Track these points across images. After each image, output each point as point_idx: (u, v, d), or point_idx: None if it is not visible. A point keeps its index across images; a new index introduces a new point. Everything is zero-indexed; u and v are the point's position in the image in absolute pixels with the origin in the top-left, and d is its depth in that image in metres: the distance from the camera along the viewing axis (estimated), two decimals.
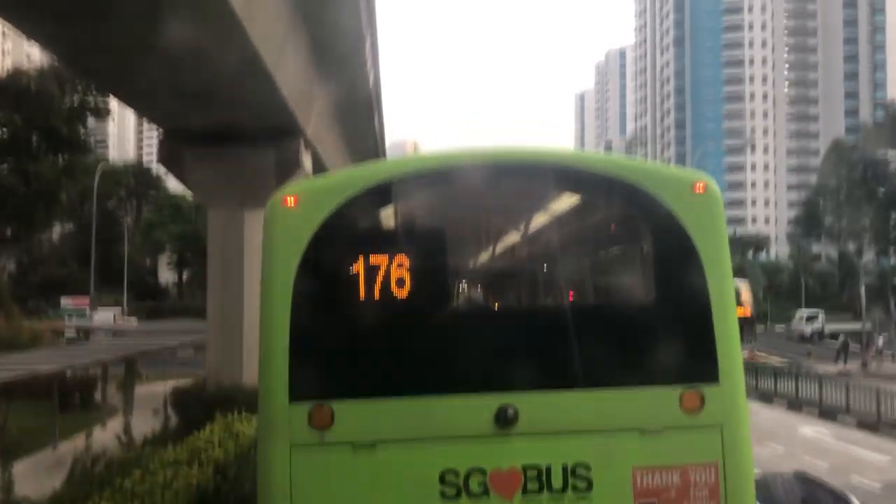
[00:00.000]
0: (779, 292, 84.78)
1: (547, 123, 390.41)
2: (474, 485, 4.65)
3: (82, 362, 21.44)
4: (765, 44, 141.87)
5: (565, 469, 4.68)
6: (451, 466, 4.66)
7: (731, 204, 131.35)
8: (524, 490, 4.66)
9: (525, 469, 4.67)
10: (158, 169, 63.59)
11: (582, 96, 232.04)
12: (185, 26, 12.36)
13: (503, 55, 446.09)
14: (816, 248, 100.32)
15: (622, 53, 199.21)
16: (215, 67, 14.46)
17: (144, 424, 17.88)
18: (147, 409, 19.41)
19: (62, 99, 42.62)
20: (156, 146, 21.22)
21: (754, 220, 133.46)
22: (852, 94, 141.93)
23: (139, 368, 26.65)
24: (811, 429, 21.33)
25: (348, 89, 22.80)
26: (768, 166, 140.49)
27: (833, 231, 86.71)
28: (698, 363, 4.85)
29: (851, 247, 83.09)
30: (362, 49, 20.36)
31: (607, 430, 4.78)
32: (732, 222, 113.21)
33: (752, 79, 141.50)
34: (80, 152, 48.24)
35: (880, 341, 45.18)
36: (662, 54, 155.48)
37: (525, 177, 5.31)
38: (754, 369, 32.40)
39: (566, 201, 5.59)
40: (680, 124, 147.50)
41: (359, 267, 4.84)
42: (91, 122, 52.91)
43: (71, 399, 22.82)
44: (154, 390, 23.26)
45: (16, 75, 43.28)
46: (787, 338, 64.43)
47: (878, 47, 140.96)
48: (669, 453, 4.76)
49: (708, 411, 4.78)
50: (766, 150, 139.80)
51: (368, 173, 5.39)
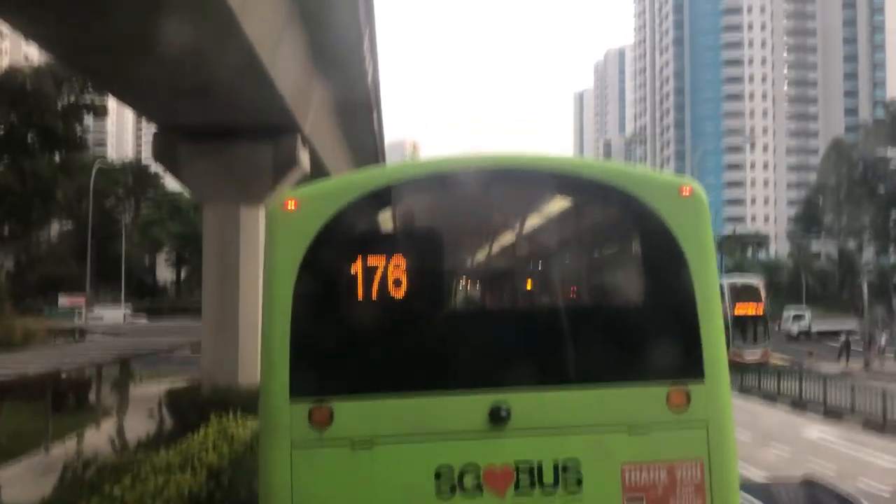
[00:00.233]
0: (778, 290, 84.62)
1: (546, 123, 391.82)
2: (468, 481, 4.76)
3: (72, 364, 21.11)
4: (764, 43, 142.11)
5: (556, 465, 4.79)
6: (446, 463, 4.77)
7: (730, 202, 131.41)
8: (516, 486, 4.78)
9: (517, 465, 4.79)
10: (157, 167, 63.36)
11: (581, 96, 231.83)
12: (180, 21, 12.23)
13: (503, 55, 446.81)
14: (816, 246, 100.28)
15: (621, 53, 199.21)
16: (210, 63, 14.29)
17: (139, 426, 17.66)
18: (142, 411, 19.15)
19: (58, 97, 42.41)
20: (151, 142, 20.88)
21: (754, 219, 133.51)
22: (852, 93, 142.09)
23: (134, 369, 26.33)
24: (816, 430, 21.05)
25: (346, 87, 22.62)
26: (768, 165, 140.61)
27: (833, 229, 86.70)
28: (684, 362, 4.98)
29: (851, 245, 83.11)
30: (360, 46, 20.14)
31: (597, 427, 4.89)
32: (732, 221, 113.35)
33: (751, 78, 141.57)
34: (76, 150, 48.06)
35: (883, 340, 44.94)
36: (662, 54, 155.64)
37: (518, 182, 5.44)
38: (758, 370, 32.18)
39: (558, 206, 5.73)
40: (679, 123, 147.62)
41: (357, 269, 4.96)
42: (89, 120, 52.79)
43: (65, 400, 22.55)
44: (150, 391, 23.03)
45: (12, 73, 42.99)
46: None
47: (878, 47, 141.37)
48: (657, 450, 4.88)
49: (694, 409, 4.91)
50: (765, 148, 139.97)
51: (367, 179, 5.56)
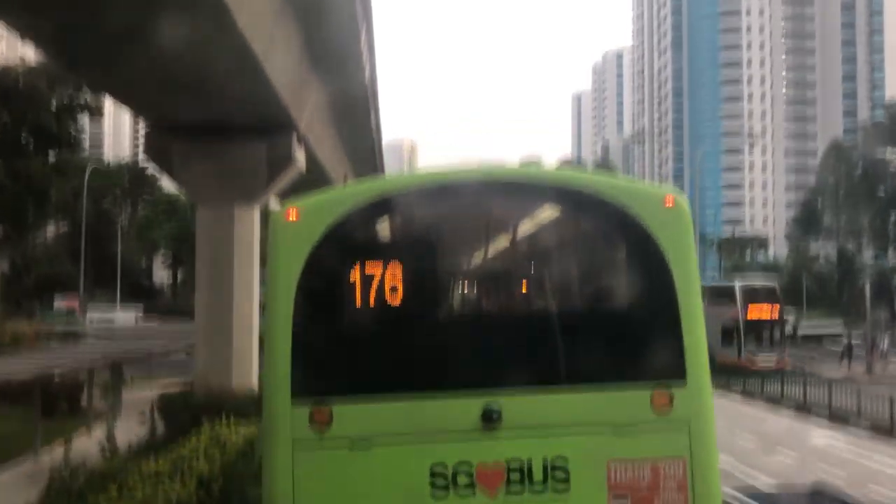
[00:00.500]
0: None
1: (545, 122, 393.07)
2: (462, 480, 4.96)
3: (52, 367, 20.54)
4: (763, 46, 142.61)
5: (545, 464, 4.99)
6: (440, 461, 4.97)
7: (729, 204, 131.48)
8: (507, 485, 4.97)
9: (508, 464, 4.99)
10: (153, 168, 62.90)
11: (579, 98, 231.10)
12: (171, 13, 11.91)
13: (502, 56, 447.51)
14: (815, 248, 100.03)
15: (619, 55, 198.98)
16: (203, 56, 13.94)
17: (131, 432, 17.25)
18: (135, 415, 18.72)
19: (52, 95, 41.95)
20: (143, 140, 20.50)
21: (752, 221, 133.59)
22: (850, 95, 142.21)
23: (126, 372, 25.88)
24: (823, 435, 20.66)
25: (343, 83, 22.26)
26: (766, 166, 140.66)
27: (832, 231, 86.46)
28: (667, 365, 5.18)
29: (851, 246, 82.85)
30: (357, 41, 19.78)
31: (584, 427, 5.09)
32: (730, 223, 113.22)
33: (750, 79, 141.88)
34: (70, 149, 47.58)
35: (885, 343, 44.52)
36: (660, 57, 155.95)
37: (511, 193, 5.71)
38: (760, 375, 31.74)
39: (548, 215, 5.95)
40: (678, 125, 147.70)
41: (355, 277, 5.18)
42: (86, 121, 52.39)
43: (57, 404, 22.08)
44: (143, 395, 22.59)
45: (3, 72, 42.49)
46: None
47: (877, 49, 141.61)
48: (641, 449, 5.07)
49: (676, 410, 5.12)
50: (764, 150, 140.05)
51: (364, 190, 5.89)
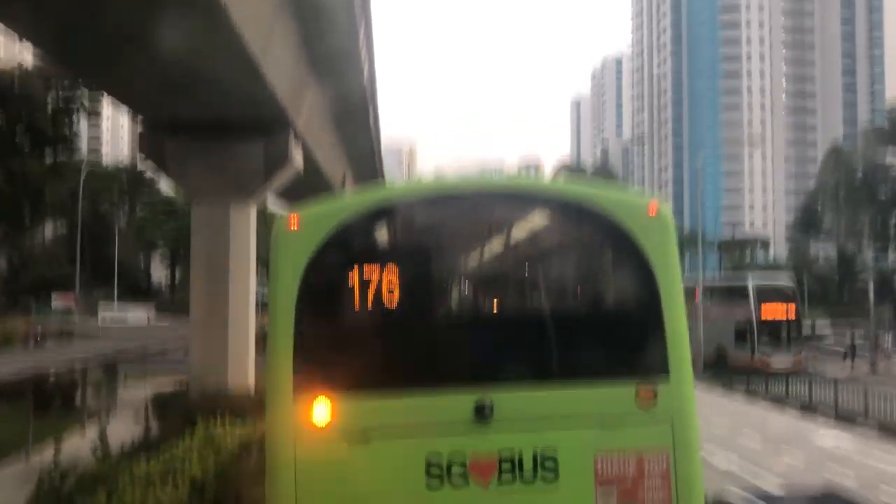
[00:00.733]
0: None
1: (545, 123, 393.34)
2: (456, 471, 5.19)
3: (35, 368, 20.32)
4: (762, 57, 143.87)
5: (535, 456, 5.23)
6: (435, 452, 5.20)
7: (729, 209, 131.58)
8: (499, 476, 5.21)
9: (500, 456, 5.22)
10: (149, 166, 62.68)
11: (578, 103, 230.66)
12: (166, 9, 11.73)
13: (501, 57, 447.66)
14: (815, 249, 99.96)
15: (618, 61, 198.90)
16: (198, 54, 13.72)
17: (124, 431, 16.99)
18: (128, 415, 18.50)
19: (47, 98, 41.72)
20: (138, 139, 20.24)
21: (752, 225, 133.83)
22: (850, 104, 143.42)
23: (121, 371, 25.67)
24: (830, 435, 20.37)
25: (342, 83, 22.10)
26: (766, 172, 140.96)
27: (832, 232, 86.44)
28: (651, 362, 5.46)
29: (851, 248, 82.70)
30: (356, 40, 19.61)
31: (573, 421, 5.33)
32: (730, 226, 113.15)
33: (749, 89, 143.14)
34: (66, 150, 47.39)
35: (888, 342, 44.34)
36: (659, 66, 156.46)
37: (504, 203, 6.04)
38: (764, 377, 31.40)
39: (539, 223, 6.27)
40: (677, 132, 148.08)
41: (353, 281, 5.45)
42: (83, 122, 52.16)
43: (51, 403, 21.86)
44: (138, 394, 22.34)
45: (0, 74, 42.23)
46: None
47: (877, 59, 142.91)
48: (627, 441, 5.32)
49: (660, 405, 5.37)
50: (763, 156, 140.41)
51: (362, 200, 6.13)
